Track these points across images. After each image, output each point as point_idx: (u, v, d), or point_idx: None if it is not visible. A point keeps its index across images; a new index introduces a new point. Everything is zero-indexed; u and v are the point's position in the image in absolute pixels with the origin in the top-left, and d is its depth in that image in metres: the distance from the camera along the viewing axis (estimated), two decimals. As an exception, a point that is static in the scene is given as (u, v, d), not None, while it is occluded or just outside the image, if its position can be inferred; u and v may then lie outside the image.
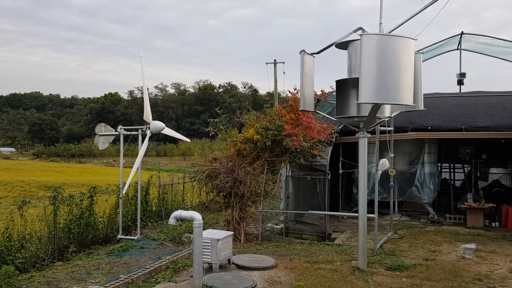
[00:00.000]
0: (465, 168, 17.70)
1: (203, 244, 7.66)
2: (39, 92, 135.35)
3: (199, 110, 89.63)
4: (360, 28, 8.13)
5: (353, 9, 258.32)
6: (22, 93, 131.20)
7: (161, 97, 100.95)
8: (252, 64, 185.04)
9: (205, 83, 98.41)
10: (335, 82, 8.70)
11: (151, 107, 12.30)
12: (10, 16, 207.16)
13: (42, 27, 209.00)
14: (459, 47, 16.39)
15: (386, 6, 8.11)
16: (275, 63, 34.39)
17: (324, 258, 9.49)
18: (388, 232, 12.28)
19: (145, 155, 12.66)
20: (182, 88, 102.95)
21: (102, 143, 12.41)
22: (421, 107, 8.72)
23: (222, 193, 12.07)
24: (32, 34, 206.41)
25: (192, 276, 7.65)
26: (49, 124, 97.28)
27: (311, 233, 13.49)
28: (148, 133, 11.62)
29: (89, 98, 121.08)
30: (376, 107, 7.56)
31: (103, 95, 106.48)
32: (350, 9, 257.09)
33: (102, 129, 12.46)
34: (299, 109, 9.14)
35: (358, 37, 8.02)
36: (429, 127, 14.46)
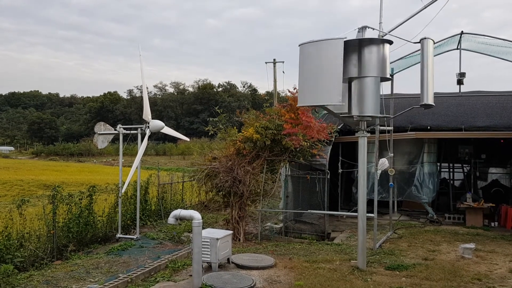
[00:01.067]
0: (464, 168, 17.71)
1: (203, 243, 7.65)
2: (38, 91, 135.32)
3: (198, 109, 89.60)
4: (365, 27, 8.09)
5: (353, 9, 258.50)
6: (21, 92, 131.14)
7: (160, 96, 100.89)
8: (252, 64, 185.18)
9: (205, 82, 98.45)
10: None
11: (150, 106, 12.29)
12: (9, 14, 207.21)
13: (41, 26, 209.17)
14: (458, 47, 16.37)
15: (386, 6, 8.10)
16: (274, 62, 34.37)
17: (323, 257, 9.48)
18: (388, 231, 12.28)
19: (144, 154, 12.64)
20: (181, 87, 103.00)
21: (101, 142, 12.39)
22: (431, 101, 8.41)
23: (221, 192, 12.06)
24: (31, 32, 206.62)
25: (191, 275, 7.64)
26: (48, 123, 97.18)
27: (311, 232, 13.49)
28: (148, 132, 11.60)
29: (88, 97, 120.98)
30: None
31: (102, 94, 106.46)
32: (350, 9, 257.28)
33: (101, 128, 12.45)
34: (297, 105, 9.04)
35: (359, 36, 8.03)
36: (429, 127, 14.46)
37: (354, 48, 8.00)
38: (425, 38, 7.94)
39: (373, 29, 7.96)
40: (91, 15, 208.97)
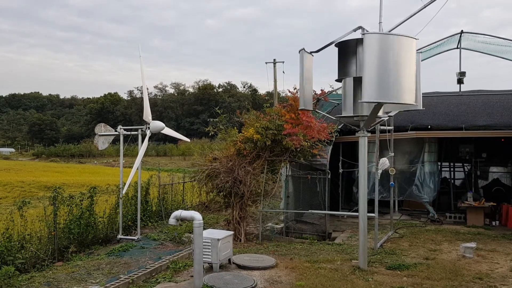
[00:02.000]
0: (465, 167, 17.69)
1: (204, 244, 7.65)
2: (38, 92, 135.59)
3: (198, 110, 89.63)
4: (360, 27, 8.11)
5: (352, 9, 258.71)
6: (22, 93, 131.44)
7: (160, 97, 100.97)
8: (251, 64, 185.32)
9: (205, 83, 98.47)
10: (336, 81, 8.70)
11: (150, 107, 12.29)
12: (8, 16, 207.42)
13: (40, 27, 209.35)
14: (458, 46, 16.38)
15: (385, 5, 8.08)
16: (274, 62, 34.34)
17: (324, 257, 9.48)
18: (389, 231, 12.27)
19: (145, 155, 12.65)
20: (181, 88, 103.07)
21: (101, 143, 12.40)
22: (420, 107, 8.73)
23: (222, 193, 12.05)
24: (30, 34, 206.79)
25: (192, 276, 7.64)
26: (48, 124, 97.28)
27: (312, 232, 13.49)
28: (148, 133, 11.61)
29: (88, 98, 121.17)
30: (378, 106, 7.55)
31: (102, 95, 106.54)
32: (349, 9, 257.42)
33: (101, 129, 12.46)
34: (299, 108, 9.13)
35: (357, 36, 8.04)
36: (429, 126, 14.45)
37: (353, 49, 8.02)
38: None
39: (367, 31, 7.93)
40: (89, 16, 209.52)
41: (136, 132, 11.91)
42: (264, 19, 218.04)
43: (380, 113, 8.38)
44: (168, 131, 12.73)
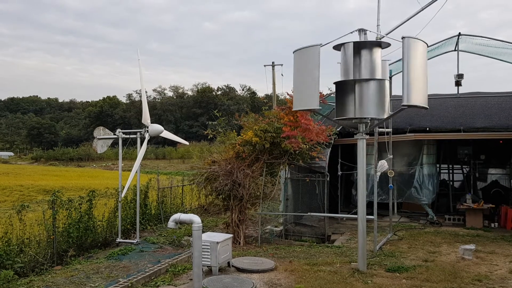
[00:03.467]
0: (463, 169, 17.72)
1: (203, 247, 7.65)
2: (37, 96, 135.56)
3: (197, 113, 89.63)
4: (360, 30, 8.12)
5: (349, 11, 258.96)
6: (20, 97, 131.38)
7: (159, 100, 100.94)
8: (249, 66, 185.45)
9: (203, 86, 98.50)
10: (334, 84, 8.72)
11: (149, 110, 12.31)
12: (5, 20, 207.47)
13: (38, 31, 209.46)
14: (456, 48, 16.44)
15: (381, 8, 8.14)
16: (273, 65, 34.32)
17: (323, 260, 9.48)
18: (388, 233, 12.27)
19: (144, 158, 12.65)
20: (180, 91, 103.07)
21: (100, 147, 12.41)
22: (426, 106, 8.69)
23: (221, 196, 12.06)
24: (28, 38, 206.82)
25: (191, 279, 7.63)
26: (47, 128, 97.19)
27: (311, 235, 13.49)
28: (147, 136, 11.62)
29: (87, 102, 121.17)
30: (403, 110, 7.63)
31: (101, 98, 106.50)
32: (346, 11, 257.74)
33: (100, 132, 12.47)
34: (293, 109, 9.08)
35: (355, 39, 8.06)
36: (428, 128, 14.47)
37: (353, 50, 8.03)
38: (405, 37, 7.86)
39: (365, 33, 7.95)
40: (87, 19, 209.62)
41: (135, 136, 11.92)
42: (261, 22, 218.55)
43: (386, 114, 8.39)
44: (167, 134, 12.75)
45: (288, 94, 12.90)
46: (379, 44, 8.28)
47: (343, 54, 8.18)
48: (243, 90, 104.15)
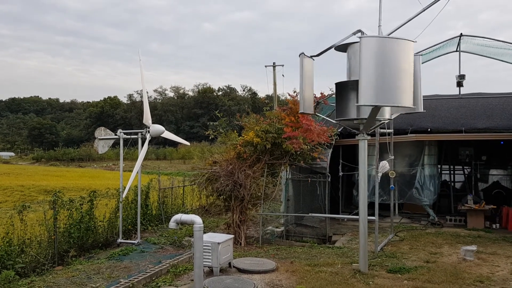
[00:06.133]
0: (465, 170, 17.70)
1: (204, 247, 7.64)
2: (38, 96, 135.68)
3: (198, 113, 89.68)
4: (359, 31, 8.13)
5: (350, 12, 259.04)
6: (21, 97, 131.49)
7: (160, 100, 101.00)
8: (250, 67, 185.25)
9: (204, 86, 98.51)
10: (334, 85, 8.72)
11: (150, 111, 12.32)
12: (6, 21, 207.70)
13: (39, 31, 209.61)
14: (458, 49, 16.43)
15: (383, 8, 8.11)
16: (274, 66, 34.29)
17: (324, 261, 9.46)
18: (389, 234, 12.26)
19: (145, 158, 12.65)
20: (181, 91, 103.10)
21: (101, 147, 12.41)
22: (421, 109, 8.74)
23: (222, 196, 12.05)
24: (29, 38, 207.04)
25: (192, 280, 7.63)
26: (48, 128, 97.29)
27: (312, 236, 13.47)
28: (148, 137, 11.62)
29: (88, 102, 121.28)
30: (376, 109, 7.55)
31: (102, 99, 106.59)
32: (346, 12, 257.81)
33: (101, 133, 12.46)
34: (299, 112, 9.14)
35: (357, 40, 8.05)
36: (429, 129, 14.45)
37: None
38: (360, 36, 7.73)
39: (366, 35, 7.95)
40: (87, 20, 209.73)
41: (136, 136, 11.92)
42: (261, 23, 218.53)
43: (386, 116, 8.39)
44: (168, 135, 12.74)
45: (289, 95, 12.91)
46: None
47: (347, 55, 8.20)
48: (244, 90, 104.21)
